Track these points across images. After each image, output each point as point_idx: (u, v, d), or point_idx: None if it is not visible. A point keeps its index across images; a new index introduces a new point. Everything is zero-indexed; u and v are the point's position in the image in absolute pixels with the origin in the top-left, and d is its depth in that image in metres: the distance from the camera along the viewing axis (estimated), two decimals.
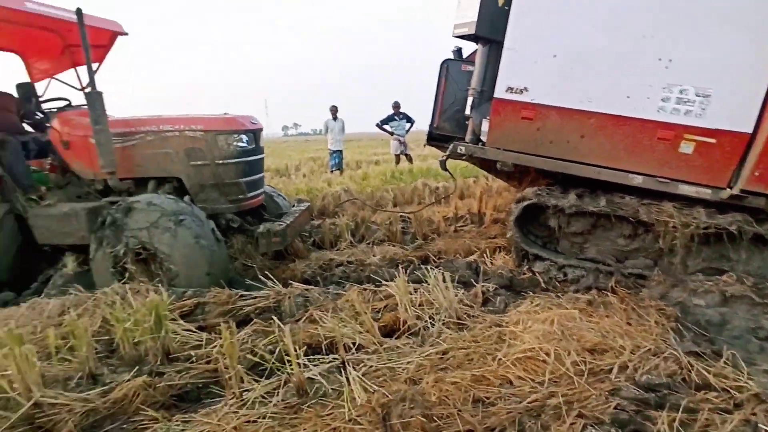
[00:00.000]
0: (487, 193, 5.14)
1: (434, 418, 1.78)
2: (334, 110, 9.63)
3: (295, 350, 1.96)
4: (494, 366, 2.08)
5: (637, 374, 2.00)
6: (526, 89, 3.08)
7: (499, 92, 3.15)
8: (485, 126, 3.34)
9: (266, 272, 3.21)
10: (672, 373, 2.01)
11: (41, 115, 3.88)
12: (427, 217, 4.61)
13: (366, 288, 2.90)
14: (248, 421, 1.77)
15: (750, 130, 2.69)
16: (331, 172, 10.09)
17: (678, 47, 2.75)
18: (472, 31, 3.21)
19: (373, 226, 4.44)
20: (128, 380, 2.05)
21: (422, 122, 9.35)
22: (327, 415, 1.79)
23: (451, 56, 3.89)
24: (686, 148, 2.86)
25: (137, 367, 2.16)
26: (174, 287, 2.93)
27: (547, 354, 2.10)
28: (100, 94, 3.32)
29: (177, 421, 1.82)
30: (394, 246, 4.06)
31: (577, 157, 3.10)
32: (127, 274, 3.07)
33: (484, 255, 3.68)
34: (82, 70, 4.76)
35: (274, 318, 2.47)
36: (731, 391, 1.89)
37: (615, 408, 1.80)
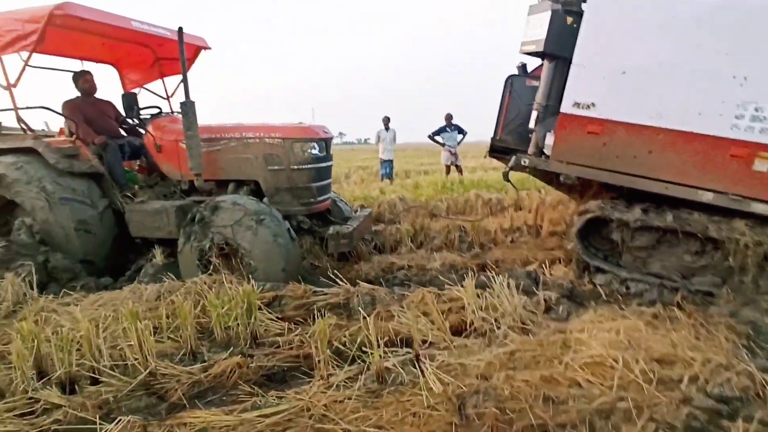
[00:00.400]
0: (542, 205, 5.17)
1: (507, 411, 1.89)
2: (386, 121, 9.90)
3: (377, 341, 2.14)
4: (562, 369, 2.17)
5: (709, 386, 2.03)
6: (593, 104, 3.16)
7: (566, 107, 3.24)
8: (549, 139, 3.43)
9: (334, 272, 3.44)
10: (745, 388, 2.03)
11: (137, 121, 4.31)
12: (483, 227, 4.71)
13: (430, 290, 3.05)
14: (335, 401, 1.96)
15: None
16: (381, 180, 10.33)
17: (754, 65, 2.76)
18: (541, 48, 3.33)
19: (432, 233, 4.59)
20: (225, 359, 2.30)
21: (475, 134, 9.43)
22: (406, 400, 1.95)
23: (513, 70, 4.02)
24: (761, 166, 2.84)
25: (231, 348, 2.41)
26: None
27: (615, 361, 2.16)
28: (192, 103, 3.68)
29: (272, 396, 2.03)
30: (451, 253, 4.19)
31: (644, 172, 3.14)
32: (211, 267, 3.37)
33: (543, 266, 3.74)
34: (168, 80, 5.26)
35: (349, 312, 2.67)
36: None
37: (687, 416, 1.86)
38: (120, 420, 1.78)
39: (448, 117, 9.34)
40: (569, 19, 3.27)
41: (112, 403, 2.02)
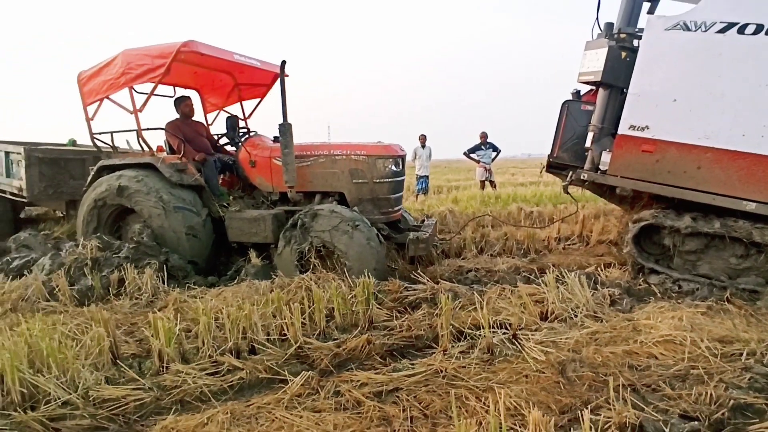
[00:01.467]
0: (591, 218, 5.63)
1: (600, 374, 2.35)
2: (422, 139, 10.46)
3: (488, 321, 2.62)
4: (638, 345, 2.62)
5: (765, 359, 2.46)
6: (647, 127, 3.65)
7: (623, 129, 3.73)
8: (606, 157, 3.92)
9: (417, 272, 3.94)
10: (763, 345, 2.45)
11: (229, 140, 4.90)
12: (536, 236, 5.18)
13: (504, 287, 3.52)
14: (459, 366, 2.43)
15: None
16: (417, 195, 10.84)
17: None
18: (599, 79, 3.84)
19: (491, 241, 5.07)
20: (354, 336, 2.80)
21: (507, 150, 9.89)
22: (516, 366, 2.42)
23: (569, 96, 4.54)
24: None
25: (359, 328, 2.90)
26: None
27: (683, 339, 2.61)
28: (290, 125, 4.25)
29: (404, 362, 2.52)
30: (511, 258, 4.66)
31: (693, 185, 3.60)
32: (310, 267, 3.88)
33: (598, 269, 4.19)
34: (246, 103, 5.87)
35: (436, 304, 3.15)
36: None
37: (749, 380, 2.29)
38: (302, 374, 2.28)
39: (483, 135, 9.88)
40: (623, 54, 3.79)
41: (275, 367, 2.52)
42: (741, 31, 3.32)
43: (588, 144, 4.13)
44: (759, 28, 3.27)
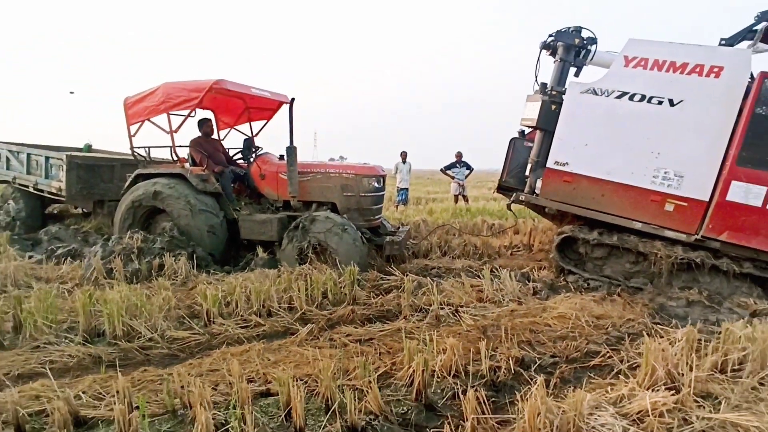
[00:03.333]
0: (534, 230, 6.85)
1: (509, 334, 3.49)
2: (404, 155, 11.63)
3: (436, 302, 3.75)
4: (541, 319, 3.77)
5: (621, 328, 3.64)
6: (567, 163, 4.86)
7: (550, 164, 4.94)
8: (539, 184, 5.11)
9: (389, 267, 5.07)
10: (640, 330, 3.64)
11: (243, 157, 5.98)
12: (490, 243, 6.37)
13: (457, 280, 4.67)
14: (415, 327, 3.54)
15: (707, 198, 4.35)
16: (397, 206, 11.98)
17: (664, 145, 4.48)
18: (534, 124, 5.05)
19: (453, 246, 6.23)
20: (343, 307, 3.90)
21: (491, 163, 11.06)
22: (454, 328, 3.55)
23: (516, 134, 5.75)
24: (669, 207, 4.52)
25: (345, 303, 4.00)
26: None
27: (572, 315, 3.78)
28: (295, 148, 5.35)
29: (376, 324, 3.62)
30: (468, 259, 5.82)
31: (599, 208, 4.81)
32: (308, 260, 4.96)
33: (533, 270, 5.38)
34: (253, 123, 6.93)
35: (404, 291, 4.28)
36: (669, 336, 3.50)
37: (604, 339, 3.46)
38: (308, 325, 3.38)
39: (458, 155, 11.10)
40: (553, 107, 5.00)
41: (287, 325, 3.61)
42: (630, 98, 4.57)
43: (527, 173, 5.33)
44: (642, 97, 4.52)
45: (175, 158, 5.56)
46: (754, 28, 4.53)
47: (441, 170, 11.30)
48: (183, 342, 3.20)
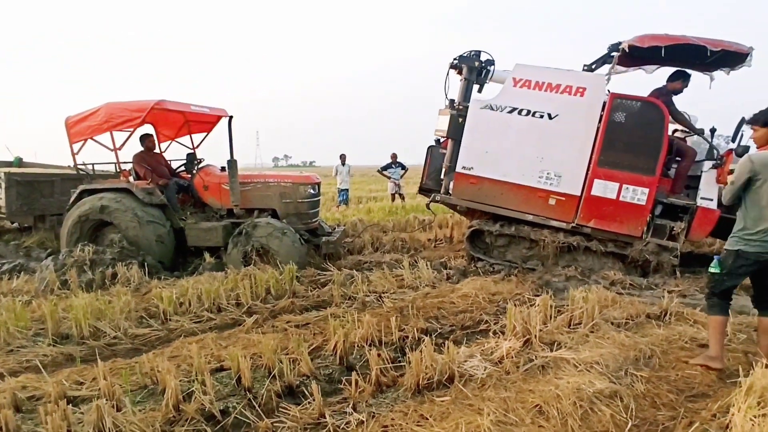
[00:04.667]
0: (458, 224, 7.81)
1: (420, 312, 4.30)
2: (343, 157, 12.33)
3: (363, 291, 4.51)
4: (448, 299, 4.63)
5: (509, 301, 4.57)
6: (472, 167, 5.78)
7: (458, 168, 5.84)
8: (452, 186, 6.01)
9: (324, 264, 5.77)
10: (523, 302, 4.58)
11: (187, 170, 6.43)
12: (417, 238, 7.23)
13: (383, 271, 5.46)
14: (343, 312, 4.27)
15: (579, 193, 5.41)
16: (338, 206, 12.67)
17: (546, 151, 5.49)
18: (445, 135, 5.93)
19: (384, 242, 7.03)
20: (284, 300, 4.56)
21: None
22: (377, 310, 4.32)
23: (432, 143, 6.63)
24: (552, 201, 5.55)
25: (285, 296, 4.66)
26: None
27: (472, 294, 4.66)
28: (235, 161, 5.90)
29: (312, 312, 4.32)
30: (397, 254, 6.64)
31: (499, 204, 5.77)
32: (252, 262, 5.55)
33: (451, 259, 6.29)
34: (192, 136, 7.36)
35: (337, 284, 5.01)
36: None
37: (495, 310, 4.36)
38: (253, 315, 4.03)
39: (394, 156, 11.95)
40: (460, 119, 5.89)
41: (235, 317, 4.22)
42: (519, 113, 5.54)
43: (442, 176, 6.22)
44: (528, 111, 5.51)
45: (119, 172, 5.93)
46: (611, 54, 5.62)
47: (377, 171, 12.11)
48: (144, 337, 3.75)
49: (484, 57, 6.07)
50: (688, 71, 5.46)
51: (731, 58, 5.29)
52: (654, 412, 2.68)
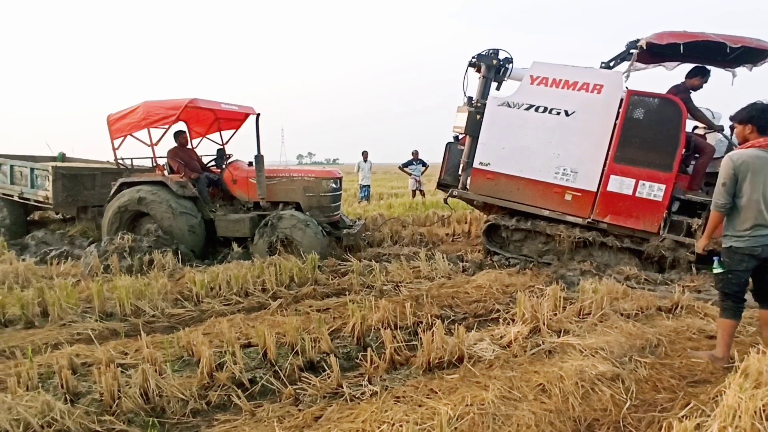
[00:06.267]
0: (476, 220, 7.95)
1: (437, 300, 4.51)
2: (365, 154, 12.59)
3: (381, 280, 4.74)
4: (463, 289, 4.82)
5: (523, 292, 4.72)
6: (489, 163, 5.93)
7: (476, 164, 6.00)
8: (469, 181, 6.17)
9: (347, 255, 6.03)
10: (537, 292, 4.72)
11: (216, 164, 6.79)
12: (435, 232, 7.42)
13: (401, 263, 5.67)
14: (363, 298, 4.51)
15: (595, 189, 5.50)
16: (360, 202, 12.93)
17: (563, 148, 5.60)
18: (463, 131, 6.10)
19: (403, 236, 7.25)
20: (306, 287, 4.83)
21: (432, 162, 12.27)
22: (394, 298, 4.54)
23: (451, 139, 6.80)
24: (568, 197, 5.66)
25: (308, 284, 4.94)
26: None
27: (486, 285, 4.84)
28: (262, 156, 6.22)
29: (333, 299, 4.58)
30: (415, 247, 6.85)
31: (516, 199, 5.91)
32: (276, 252, 5.86)
33: (467, 253, 6.46)
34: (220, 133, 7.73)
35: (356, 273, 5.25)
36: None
37: (507, 300, 4.52)
38: (277, 300, 4.31)
39: (415, 153, 12.14)
40: (478, 116, 6.05)
41: (262, 301, 4.52)
42: (536, 110, 5.67)
43: (460, 172, 6.39)
44: (545, 108, 5.63)
45: (154, 166, 6.33)
46: (630, 52, 5.67)
47: (399, 168, 12.32)
48: (179, 317, 4.08)
49: (502, 55, 6.20)
50: (708, 67, 5.47)
51: (753, 54, 5.28)
52: (654, 395, 2.82)
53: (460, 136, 6.73)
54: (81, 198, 7.44)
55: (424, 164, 12.26)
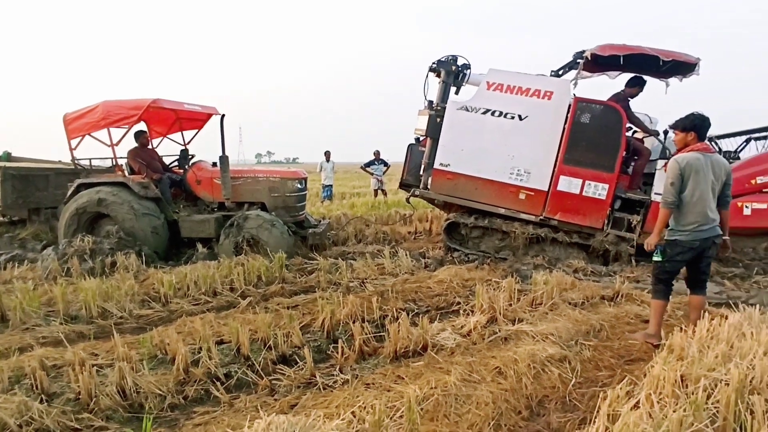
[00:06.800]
0: (437, 218, 8.27)
1: (400, 295, 4.74)
2: (327, 154, 12.69)
3: (347, 277, 4.93)
4: (425, 284, 5.08)
5: (481, 285, 5.04)
6: (449, 165, 6.23)
7: (436, 165, 6.29)
8: (430, 181, 6.45)
9: (313, 254, 6.17)
10: (494, 285, 5.05)
11: (180, 165, 6.74)
12: (398, 231, 7.67)
13: (367, 260, 5.88)
14: (330, 295, 4.68)
15: (546, 188, 5.91)
16: (322, 201, 13.02)
17: (517, 150, 5.97)
18: (424, 134, 6.37)
19: (367, 234, 7.45)
20: (274, 285, 4.95)
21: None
22: (360, 294, 4.73)
23: (413, 141, 7.07)
24: (522, 196, 6.04)
25: (276, 282, 5.05)
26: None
27: (447, 280, 5.11)
28: (227, 157, 6.24)
29: (300, 296, 4.72)
30: (379, 245, 7.07)
31: (474, 198, 6.24)
32: (242, 252, 5.91)
33: (429, 250, 6.74)
34: (182, 133, 7.65)
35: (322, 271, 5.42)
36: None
37: (467, 293, 4.82)
38: (246, 298, 4.41)
39: (376, 153, 12.37)
40: (438, 119, 6.34)
41: (231, 300, 4.59)
42: (492, 114, 6.02)
43: (421, 172, 6.66)
44: (500, 113, 5.98)
45: (114, 166, 6.23)
46: (577, 61, 6.12)
47: (361, 167, 12.51)
48: (148, 318, 4.11)
49: (460, 61, 6.52)
50: (644, 77, 5.99)
51: (683, 67, 5.84)
52: (596, 373, 3.17)
53: (421, 138, 7.01)
54: (32, 200, 7.18)
55: (385, 164, 12.51)
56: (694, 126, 3.47)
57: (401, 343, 3.31)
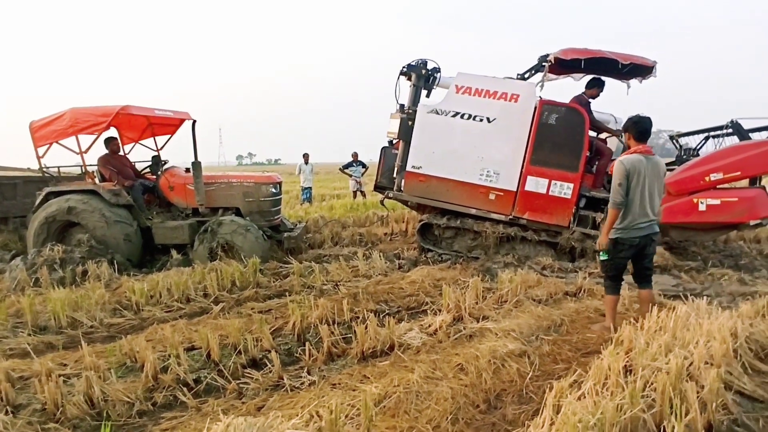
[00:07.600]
0: (413, 219, 8.40)
1: (372, 296, 4.84)
2: (306, 156, 12.71)
3: (321, 280, 5.00)
4: (398, 284, 5.19)
5: (451, 285, 5.17)
6: (421, 167, 6.36)
7: (409, 167, 6.41)
8: (403, 183, 6.57)
9: (288, 257, 6.23)
10: (464, 286, 5.19)
11: (152, 172, 6.72)
12: (374, 232, 7.77)
13: (341, 263, 5.96)
14: (303, 299, 4.75)
15: (515, 189, 6.08)
16: (301, 204, 13.04)
17: (486, 152, 6.13)
18: (396, 137, 6.48)
19: (343, 236, 7.53)
20: (248, 290, 4.99)
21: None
22: (333, 296, 4.82)
23: (386, 144, 7.18)
24: (492, 196, 6.21)
25: (250, 287, 5.10)
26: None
27: (419, 280, 5.23)
28: (200, 163, 6.26)
29: (275, 300, 4.78)
30: (355, 247, 7.16)
31: (446, 199, 6.38)
32: (217, 258, 5.93)
33: (404, 251, 6.86)
34: (154, 139, 7.62)
35: (299, 275, 5.48)
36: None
37: (438, 293, 4.94)
38: (219, 304, 4.45)
39: (355, 155, 12.45)
40: (410, 122, 6.45)
41: (204, 306, 4.63)
42: (461, 117, 6.16)
43: (395, 174, 6.77)
44: (469, 116, 6.13)
45: (83, 174, 6.18)
46: (542, 64, 6.30)
47: (339, 169, 12.57)
48: (119, 326, 4.12)
49: (430, 65, 6.65)
50: (603, 79, 6.22)
51: (641, 69, 6.07)
52: (553, 366, 3.32)
53: (394, 141, 7.12)
54: (1, 208, 7.06)
55: (364, 166, 12.60)
56: (627, 128, 3.67)
57: (368, 344, 3.41)
